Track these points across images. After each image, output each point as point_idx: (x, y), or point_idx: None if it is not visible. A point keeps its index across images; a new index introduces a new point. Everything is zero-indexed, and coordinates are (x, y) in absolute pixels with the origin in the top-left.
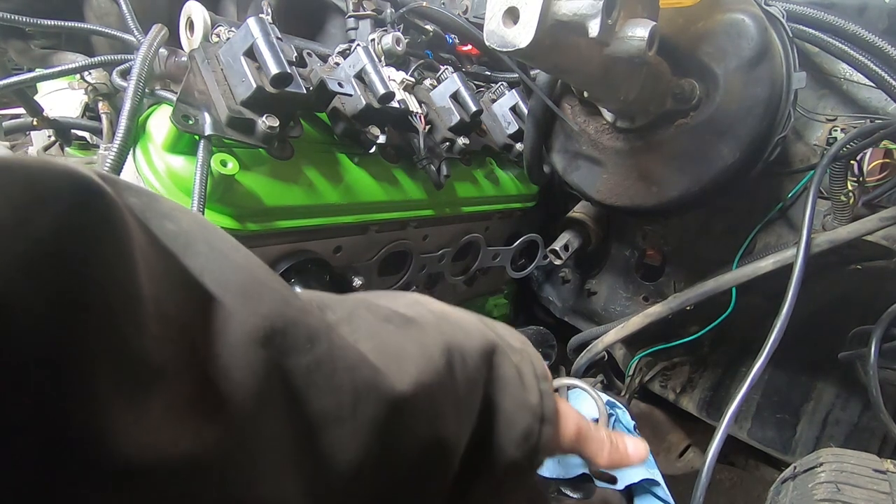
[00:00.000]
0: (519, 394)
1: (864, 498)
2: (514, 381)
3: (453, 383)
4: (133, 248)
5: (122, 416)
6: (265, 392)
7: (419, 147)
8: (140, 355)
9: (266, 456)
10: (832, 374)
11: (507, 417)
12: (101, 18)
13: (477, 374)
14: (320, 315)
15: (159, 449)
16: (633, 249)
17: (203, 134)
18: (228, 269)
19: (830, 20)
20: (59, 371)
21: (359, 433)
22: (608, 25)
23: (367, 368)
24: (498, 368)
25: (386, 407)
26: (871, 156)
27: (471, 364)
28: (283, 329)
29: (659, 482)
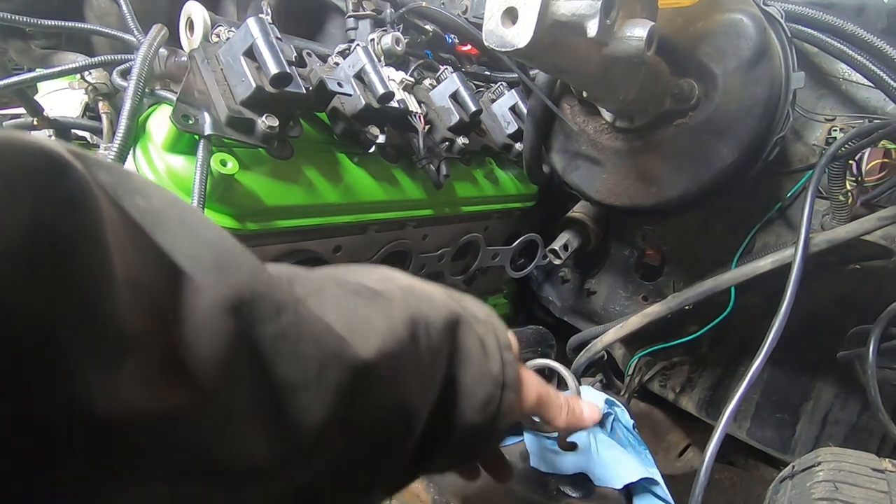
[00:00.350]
0: (481, 363)
1: (863, 497)
2: (477, 351)
3: (417, 353)
4: (103, 222)
5: (95, 379)
6: (233, 359)
7: (419, 147)
8: (112, 323)
9: (235, 418)
10: (831, 374)
11: (468, 385)
12: (101, 18)
13: (441, 345)
14: (289, 288)
15: (131, 410)
16: (633, 249)
17: (203, 133)
18: (199, 243)
19: (829, 20)
20: (33, 337)
21: (323, 398)
22: (607, 25)
23: (332, 338)
24: (461, 339)
25: (350, 373)
26: (869, 155)
27: (434, 335)
28: (251, 300)
29: (658, 481)
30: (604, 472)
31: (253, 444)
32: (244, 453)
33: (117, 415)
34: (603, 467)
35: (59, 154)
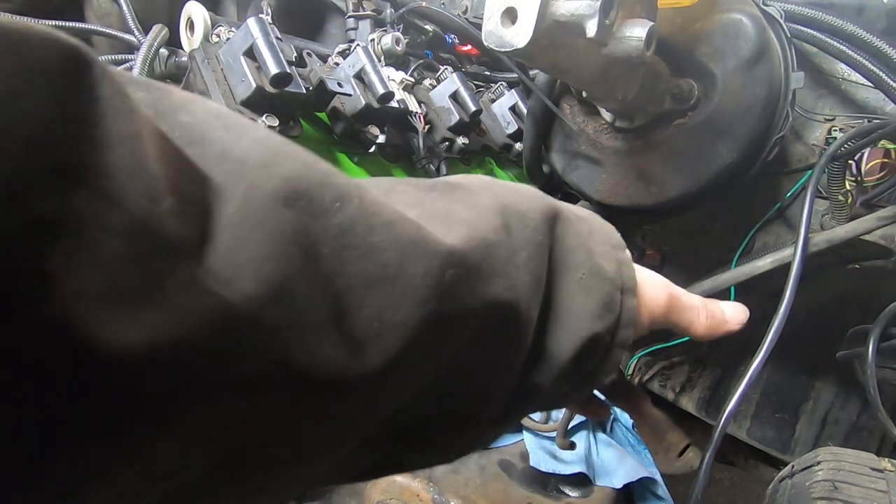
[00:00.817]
0: (591, 261)
1: (862, 496)
2: (584, 248)
3: (512, 244)
4: (139, 123)
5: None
6: (295, 255)
7: (419, 147)
8: (154, 227)
9: (306, 324)
10: (831, 374)
11: (580, 286)
12: (101, 19)
13: (540, 237)
14: (348, 177)
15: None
16: (633, 249)
17: None
18: (247, 144)
19: (829, 20)
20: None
21: (410, 292)
22: (606, 25)
23: (410, 225)
24: (564, 235)
25: (438, 261)
26: (869, 155)
27: (532, 226)
28: (308, 190)
29: (658, 481)
30: (604, 471)
31: (335, 351)
32: (327, 362)
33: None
34: (602, 467)
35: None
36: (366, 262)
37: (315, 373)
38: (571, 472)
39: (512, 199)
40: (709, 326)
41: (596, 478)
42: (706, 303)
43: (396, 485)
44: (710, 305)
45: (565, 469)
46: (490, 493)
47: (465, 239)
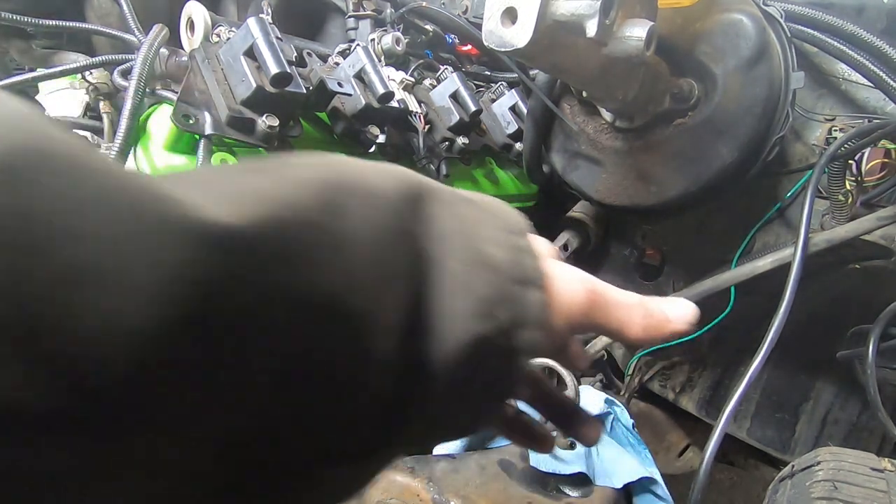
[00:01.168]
0: (472, 248)
1: (862, 496)
2: (463, 234)
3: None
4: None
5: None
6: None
7: (419, 146)
8: None
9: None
10: (831, 374)
11: (456, 279)
12: (102, 18)
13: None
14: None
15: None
16: (633, 249)
17: (203, 133)
18: None
19: (829, 20)
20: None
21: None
22: (606, 25)
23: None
24: (435, 219)
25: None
26: (869, 155)
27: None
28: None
29: (658, 481)
30: (603, 471)
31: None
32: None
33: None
34: (602, 467)
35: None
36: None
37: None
38: (571, 471)
39: (353, 175)
40: (647, 327)
41: (596, 477)
42: (643, 300)
43: (396, 484)
44: (649, 303)
45: (565, 469)
46: (490, 492)
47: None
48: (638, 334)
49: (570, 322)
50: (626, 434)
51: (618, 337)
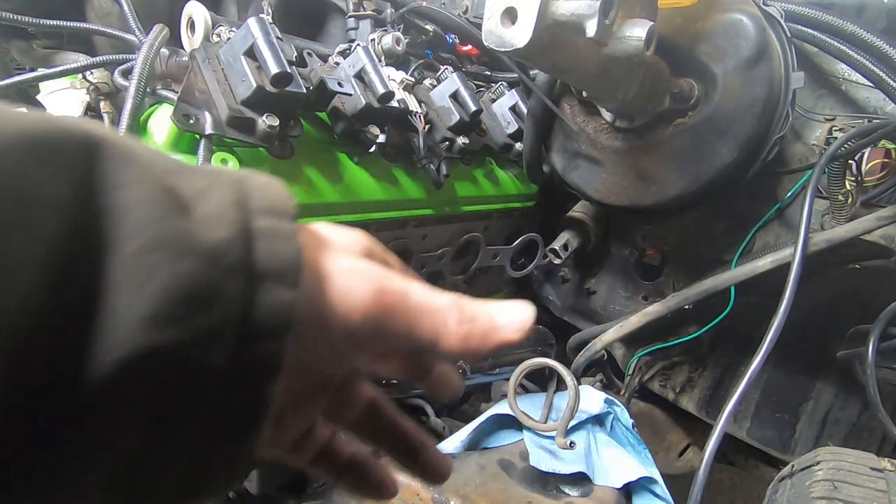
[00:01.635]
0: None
1: (861, 496)
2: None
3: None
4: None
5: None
6: None
7: (419, 146)
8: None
9: None
10: (831, 374)
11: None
12: (102, 18)
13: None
14: None
15: None
16: (633, 249)
17: (204, 133)
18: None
19: (829, 20)
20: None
21: None
22: (605, 25)
23: None
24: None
25: None
26: (869, 155)
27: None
28: None
29: (658, 481)
30: (603, 471)
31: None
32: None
33: None
34: (602, 466)
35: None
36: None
37: None
38: (571, 471)
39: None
40: (466, 336)
41: (596, 477)
42: (458, 302)
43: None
44: (467, 306)
45: (565, 468)
46: (490, 492)
47: None
48: (454, 345)
49: (350, 328)
50: (626, 434)
51: (429, 350)
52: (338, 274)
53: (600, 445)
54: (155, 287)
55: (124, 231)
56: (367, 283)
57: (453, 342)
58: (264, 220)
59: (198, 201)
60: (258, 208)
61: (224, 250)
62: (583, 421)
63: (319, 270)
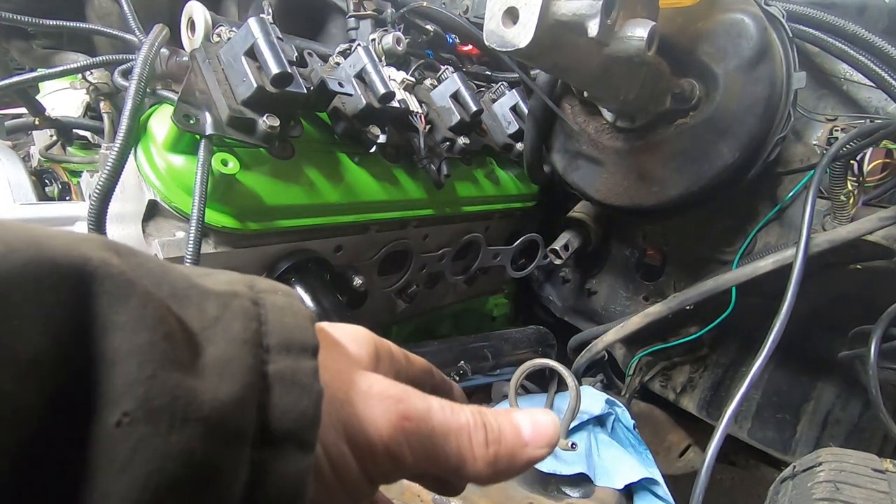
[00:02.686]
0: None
1: (863, 497)
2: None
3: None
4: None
5: None
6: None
7: (419, 147)
8: None
9: None
10: (832, 374)
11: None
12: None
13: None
14: None
15: None
16: (634, 249)
17: (204, 133)
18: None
19: (830, 20)
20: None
21: None
22: (607, 25)
23: None
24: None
25: None
26: (871, 155)
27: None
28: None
29: (659, 481)
30: (604, 472)
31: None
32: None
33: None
34: (603, 467)
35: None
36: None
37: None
38: (572, 472)
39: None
40: (494, 460)
41: (597, 478)
42: (483, 417)
43: (396, 484)
44: (492, 423)
45: (566, 469)
46: (491, 492)
47: None
48: (481, 471)
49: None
50: (626, 434)
51: (455, 478)
52: (359, 400)
53: (601, 446)
54: (138, 472)
55: (110, 392)
56: (389, 410)
57: (480, 468)
58: (281, 360)
59: (206, 338)
60: (275, 344)
61: (230, 413)
62: (584, 422)
63: (339, 397)
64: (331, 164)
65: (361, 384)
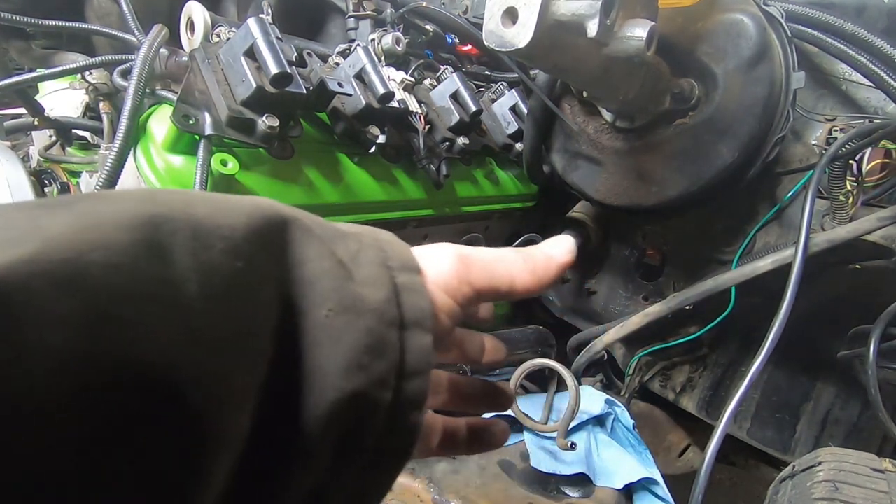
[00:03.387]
0: (344, 291)
1: (862, 497)
2: (333, 276)
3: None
4: None
5: None
6: None
7: (419, 147)
8: None
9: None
10: (832, 374)
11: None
12: (101, 19)
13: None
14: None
15: None
16: (633, 249)
17: (203, 134)
18: None
19: (829, 20)
20: None
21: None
22: (606, 26)
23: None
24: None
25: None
26: (870, 155)
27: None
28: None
29: (658, 481)
30: (604, 471)
31: None
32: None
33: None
34: (603, 467)
35: None
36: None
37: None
38: (572, 472)
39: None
40: (534, 271)
41: (596, 478)
42: (519, 250)
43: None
44: (525, 250)
45: (566, 469)
46: (491, 493)
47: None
48: (528, 282)
49: (455, 297)
50: (626, 434)
51: (510, 292)
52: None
53: (601, 446)
54: (347, 342)
55: (314, 299)
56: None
57: (526, 279)
58: (403, 276)
59: (355, 265)
60: (396, 266)
61: (385, 307)
62: (583, 422)
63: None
64: (330, 164)
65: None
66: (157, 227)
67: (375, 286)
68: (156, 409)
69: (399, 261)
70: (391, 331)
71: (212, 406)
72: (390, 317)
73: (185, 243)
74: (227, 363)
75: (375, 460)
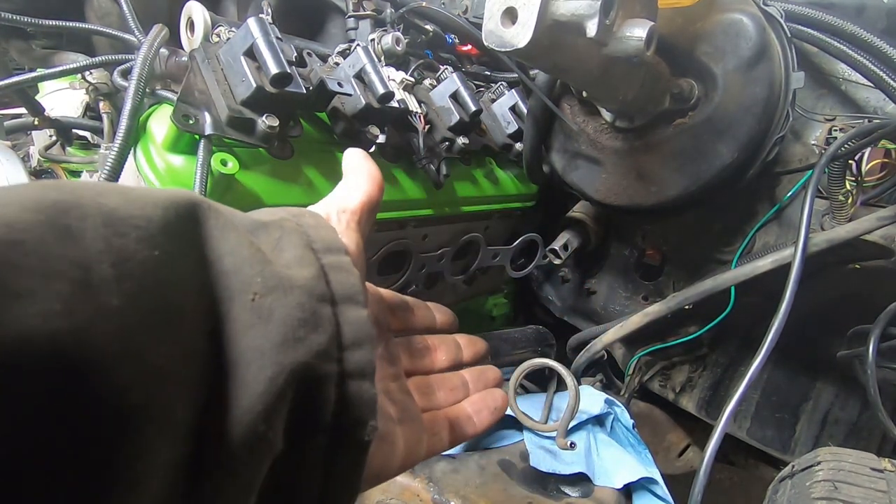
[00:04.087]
0: (267, 273)
1: (862, 496)
2: (253, 262)
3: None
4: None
5: None
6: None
7: (419, 147)
8: None
9: None
10: (831, 374)
11: (254, 312)
12: (101, 18)
13: (152, 251)
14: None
15: None
16: (633, 249)
17: (203, 133)
18: None
19: (829, 20)
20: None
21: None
22: (606, 25)
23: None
24: (221, 253)
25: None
26: (869, 155)
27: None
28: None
29: (658, 481)
30: (603, 471)
31: None
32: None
33: None
34: (602, 467)
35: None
36: None
37: None
38: (571, 471)
39: (92, 197)
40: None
41: (596, 477)
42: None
43: (396, 485)
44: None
45: (565, 469)
46: (490, 492)
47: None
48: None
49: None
50: (626, 434)
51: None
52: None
53: (600, 446)
54: (279, 318)
55: (238, 287)
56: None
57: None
58: (329, 257)
59: (277, 252)
60: (321, 248)
61: (314, 284)
62: (583, 421)
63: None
64: (330, 164)
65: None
66: (65, 212)
67: (301, 266)
68: (66, 385)
69: (323, 243)
70: (323, 305)
71: (131, 383)
72: (320, 292)
73: (95, 228)
74: (147, 342)
75: (337, 438)
